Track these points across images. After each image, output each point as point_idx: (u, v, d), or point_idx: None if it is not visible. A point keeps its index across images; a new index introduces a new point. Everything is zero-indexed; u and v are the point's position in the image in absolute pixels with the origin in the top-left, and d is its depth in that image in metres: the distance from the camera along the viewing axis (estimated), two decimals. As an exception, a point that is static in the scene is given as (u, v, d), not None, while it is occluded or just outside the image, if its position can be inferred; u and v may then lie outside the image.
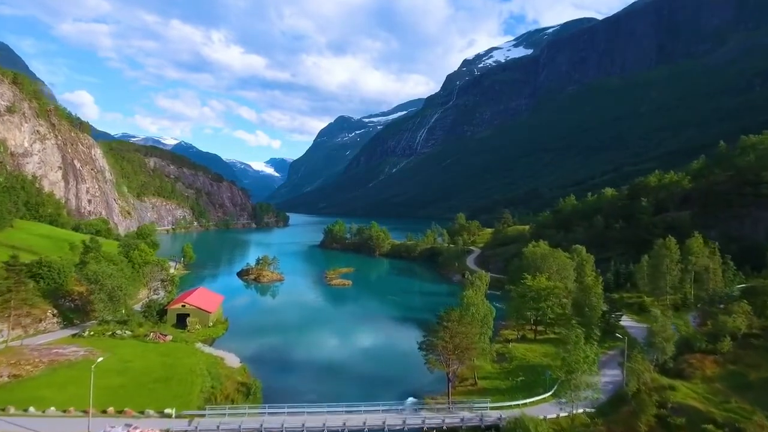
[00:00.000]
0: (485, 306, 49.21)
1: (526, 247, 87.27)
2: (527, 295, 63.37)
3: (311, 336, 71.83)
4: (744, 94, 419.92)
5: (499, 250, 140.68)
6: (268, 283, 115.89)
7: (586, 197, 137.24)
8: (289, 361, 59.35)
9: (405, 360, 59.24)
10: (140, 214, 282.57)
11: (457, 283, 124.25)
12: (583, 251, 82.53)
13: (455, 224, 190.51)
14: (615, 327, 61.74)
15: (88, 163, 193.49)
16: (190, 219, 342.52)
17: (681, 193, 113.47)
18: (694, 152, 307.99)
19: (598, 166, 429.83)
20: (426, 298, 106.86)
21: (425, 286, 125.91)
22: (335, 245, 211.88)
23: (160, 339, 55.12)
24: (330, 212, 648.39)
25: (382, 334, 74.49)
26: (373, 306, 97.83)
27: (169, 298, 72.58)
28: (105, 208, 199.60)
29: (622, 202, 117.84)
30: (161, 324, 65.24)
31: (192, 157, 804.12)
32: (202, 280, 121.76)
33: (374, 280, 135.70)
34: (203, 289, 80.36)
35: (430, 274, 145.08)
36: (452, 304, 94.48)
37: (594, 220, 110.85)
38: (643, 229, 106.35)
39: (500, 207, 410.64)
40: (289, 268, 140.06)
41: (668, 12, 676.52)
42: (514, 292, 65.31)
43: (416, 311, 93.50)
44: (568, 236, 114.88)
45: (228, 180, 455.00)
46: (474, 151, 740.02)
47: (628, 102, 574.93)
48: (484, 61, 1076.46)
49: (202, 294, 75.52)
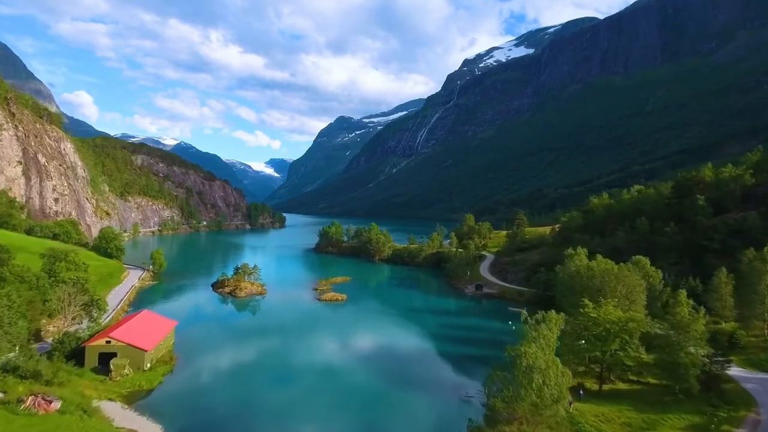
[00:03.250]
0: (557, 369, 29.55)
1: (571, 260, 68.36)
2: (590, 329, 44.56)
3: (285, 389, 50.47)
4: (752, 93, 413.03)
5: (517, 257, 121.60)
6: (246, 298, 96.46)
7: (621, 195, 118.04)
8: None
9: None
10: (123, 214, 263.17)
11: (471, 297, 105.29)
12: (648, 264, 63.23)
13: (463, 226, 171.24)
14: (720, 380, 42.86)
15: (55, 158, 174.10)
16: (179, 220, 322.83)
17: (740, 190, 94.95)
18: (705, 151, 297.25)
19: (603, 165, 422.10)
20: (439, 320, 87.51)
21: (434, 301, 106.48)
22: (331, 249, 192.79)
23: (41, 407, 35.89)
24: (329, 213, 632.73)
25: (384, 382, 54.01)
26: (372, 334, 78.09)
27: (92, 331, 53.27)
28: (75, 209, 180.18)
29: (669, 201, 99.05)
30: (74, 368, 46.10)
31: (192, 157, 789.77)
32: (169, 293, 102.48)
33: (373, 293, 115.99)
34: (147, 314, 61.08)
35: (438, 284, 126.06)
36: (471, 326, 72.42)
37: (637, 223, 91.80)
38: (699, 234, 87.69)
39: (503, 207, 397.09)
40: (274, 278, 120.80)
41: (673, 10, 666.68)
42: (569, 325, 46.13)
43: (429, 340, 74.38)
44: (605, 242, 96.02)
45: (221, 179, 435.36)
46: (475, 151, 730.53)
47: (632, 101, 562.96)
48: (485, 61, 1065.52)
49: (140, 322, 56.22)
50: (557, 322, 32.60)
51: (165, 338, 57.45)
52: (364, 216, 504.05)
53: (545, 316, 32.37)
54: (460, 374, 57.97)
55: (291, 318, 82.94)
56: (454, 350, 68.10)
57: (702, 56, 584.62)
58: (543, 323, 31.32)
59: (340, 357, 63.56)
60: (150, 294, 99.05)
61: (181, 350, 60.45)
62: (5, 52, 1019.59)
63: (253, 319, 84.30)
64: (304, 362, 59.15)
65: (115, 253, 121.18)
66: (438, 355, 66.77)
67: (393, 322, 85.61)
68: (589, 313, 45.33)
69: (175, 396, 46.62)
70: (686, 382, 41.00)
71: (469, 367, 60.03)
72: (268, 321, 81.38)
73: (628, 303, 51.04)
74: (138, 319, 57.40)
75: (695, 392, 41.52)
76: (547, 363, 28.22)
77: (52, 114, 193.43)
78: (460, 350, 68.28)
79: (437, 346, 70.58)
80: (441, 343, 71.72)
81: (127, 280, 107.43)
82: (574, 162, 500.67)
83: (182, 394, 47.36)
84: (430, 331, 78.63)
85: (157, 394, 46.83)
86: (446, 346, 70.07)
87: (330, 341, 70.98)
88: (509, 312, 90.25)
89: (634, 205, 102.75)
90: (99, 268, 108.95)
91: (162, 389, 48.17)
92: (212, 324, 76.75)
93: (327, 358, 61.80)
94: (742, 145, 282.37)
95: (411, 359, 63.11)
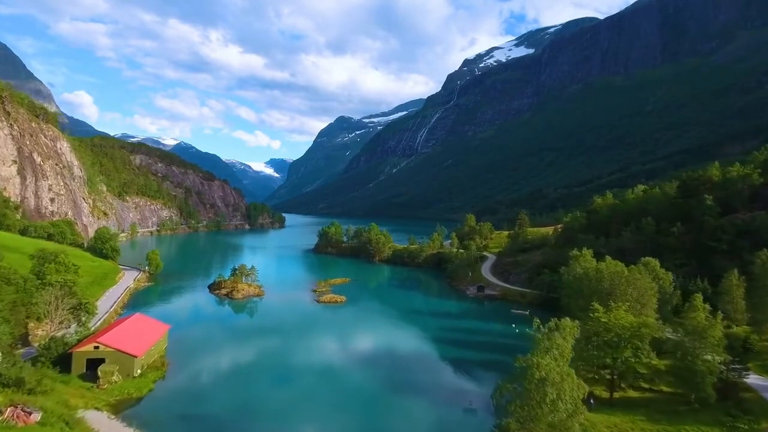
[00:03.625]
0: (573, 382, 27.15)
1: (576, 261, 66.12)
2: (600, 335, 42.47)
3: (281, 393, 48.81)
4: (753, 93, 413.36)
5: (520, 258, 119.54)
6: (243, 300, 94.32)
7: (625, 195, 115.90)
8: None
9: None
10: (120, 214, 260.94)
11: (472, 298, 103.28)
12: (657, 266, 60.99)
13: (464, 226, 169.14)
14: (738, 389, 40.76)
15: (51, 158, 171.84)
16: (178, 220, 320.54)
17: (748, 190, 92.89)
18: (706, 151, 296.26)
19: (603, 165, 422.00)
20: (440, 322, 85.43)
21: (435, 302, 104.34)
22: (330, 250, 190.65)
23: (20, 419, 33.81)
24: (329, 213, 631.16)
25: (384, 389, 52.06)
26: (372, 335, 76.31)
27: (81, 335, 51.12)
28: (72, 208, 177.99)
29: (674, 201, 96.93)
30: (60, 374, 44.03)
31: (192, 157, 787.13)
32: (165, 295, 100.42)
33: (373, 294, 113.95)
34: (139, 317, 58.94)
35: (439, 285, 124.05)
36: (473, 329, 70.61)
37: (643, 223, 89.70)
38: (707, 234, 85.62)
39: (503, 208, 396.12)
40: (273, 279, 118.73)
41: (673, 10, 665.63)
42: (579, 331, 43.87)
43: (430, 343, 72.41)
44: (610, 242, 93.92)
45: (220, 179, 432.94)
46: (476, 151, 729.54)
47: (633, 101, 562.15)
48: (485, 61, 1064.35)
49: (131, 326, 54.10)
50: (572, 330, 30.37)
51: (157, 343, 55.36)
52: (364, 216, 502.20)
53: (558, 323, 30.21)
54: (463, 379, 56.02)
55: (289, 320, 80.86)
56: (456, 354, 66.08)
57: (702, 56, 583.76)
58: (557, 331, 29.15)
59: (339, 359, 61.44)
60: (145, 296, 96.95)
61: (174, 355, 58.37)
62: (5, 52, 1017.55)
63: (250, 322, 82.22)
64: (302, 365, 57.17)
65: (110, 254, 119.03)
66: (439, 359, 64.81)
67: (393, 324, 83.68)
68: (600, 318, 43.22)
69: (166, 404, 44.52)
70: (702, 391, 38.97)
71: (471, 372, 58.06)
72: (265, 323, 79.30)
73: (639, 307, 48.86)
74: (129, 323, 55.27)
75: (712, 401, 39.51)
76: (561, 375, 26.03)
77: (49, 113, 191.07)
78: (462, 354, 66.28)
79: (438, 349, 68.61)
80: (442, 346, 69.75)
81: (122, 281, 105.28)
82: (575, 162, 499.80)
83: (173, 401, 45.25)
84: (431, 334, 76.61)
85: (146, 402, 44.74)
86: (448, 349, 68.03)
87: (328, 344, 68.92)
88: (512, 314, 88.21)
89: (639, 204, 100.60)
90: (94, 269, 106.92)
91: (152, 397, 46.07)
92: (207, 327, 74.51)
93: (325, 361, 59.72)
94: (743, 145, 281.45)
95: (411, 364, 61.05)
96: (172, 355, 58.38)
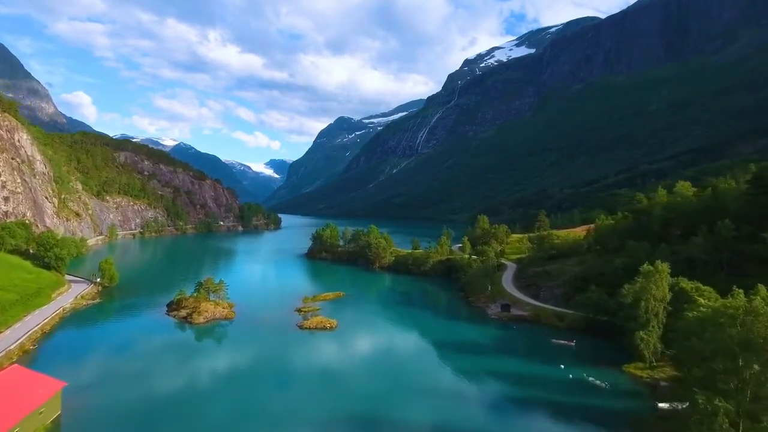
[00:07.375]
0: None
1: (658, 279, 45.18)
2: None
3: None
4: (758, 92, 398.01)
5: (549, 268, 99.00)
6: (206, 324, 73.54)
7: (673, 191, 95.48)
8: None
9: None
10: (98, 215, 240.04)
11: (496, 320, 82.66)
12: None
13: (476, 229, 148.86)
14: None
15: (5, 151, 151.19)
16: (164, 221, 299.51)
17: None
18: (716, 150, 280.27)
19: (607, 165, 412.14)
20: (460, 360, 63.76)
21: (451, 327, 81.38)
22: (325, 255, 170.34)
23: None
24: (329, 213, 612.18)
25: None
26: (366, 387, 55.17)
27: None
28: (31, 209, 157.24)
29: (747, 199, 77.35)
30: None
31: (191, 158, 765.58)
32: (106, 317, 79.92)
33: (372, 315, 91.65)
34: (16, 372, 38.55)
35: (450, 301, 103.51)
36: (508, 373, 48.57)
37: (719, 226, 69.86)
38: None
39: (506, 208, 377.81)
40: (251, 293, 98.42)
41: (676, 9, 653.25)
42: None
43: (447, 399, 51.61)
44: (675, 251, 74.06)
45: (213, 178, 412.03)
46: (477, 151, 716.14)
47: (636, 100, 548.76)
48: (486, 61, 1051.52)
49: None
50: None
51: (35, 411, 35.17)
52: (363, 216, 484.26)
53: None
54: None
55: (257, 358, 60.25)
56: (489, 418, 46.07)
57: (706, 55, 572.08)
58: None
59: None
60: (81, 319, 76.40)
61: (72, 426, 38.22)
62: (2, 52, 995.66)
63: (207, 360, 60.46)
64: None
65: (54, 264, 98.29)
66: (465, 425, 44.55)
67: (396, 364, 62.43)
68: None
69: None
70: None
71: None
72: (225, 363, 58.37)
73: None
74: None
75: None
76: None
77: (4, 101, 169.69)
78: (496, 419, 46.17)
79: (460, 410, 48.11)
80: (465, 405, 49.21)
81: (60, 298, 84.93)
82: (577, 162, 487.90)
83: None
84: (448, 382, 55.96)
85: None
86: (476, 409, 47.78)
87: (305, 401, 48.40)
88: (553, 345, 68.13)
89: (705, 203, 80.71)
90: (26, 283, 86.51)
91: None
92: (137, 374, 52.96)
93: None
94: (753, 145, 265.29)
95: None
96: (69, 427, 38.29)
